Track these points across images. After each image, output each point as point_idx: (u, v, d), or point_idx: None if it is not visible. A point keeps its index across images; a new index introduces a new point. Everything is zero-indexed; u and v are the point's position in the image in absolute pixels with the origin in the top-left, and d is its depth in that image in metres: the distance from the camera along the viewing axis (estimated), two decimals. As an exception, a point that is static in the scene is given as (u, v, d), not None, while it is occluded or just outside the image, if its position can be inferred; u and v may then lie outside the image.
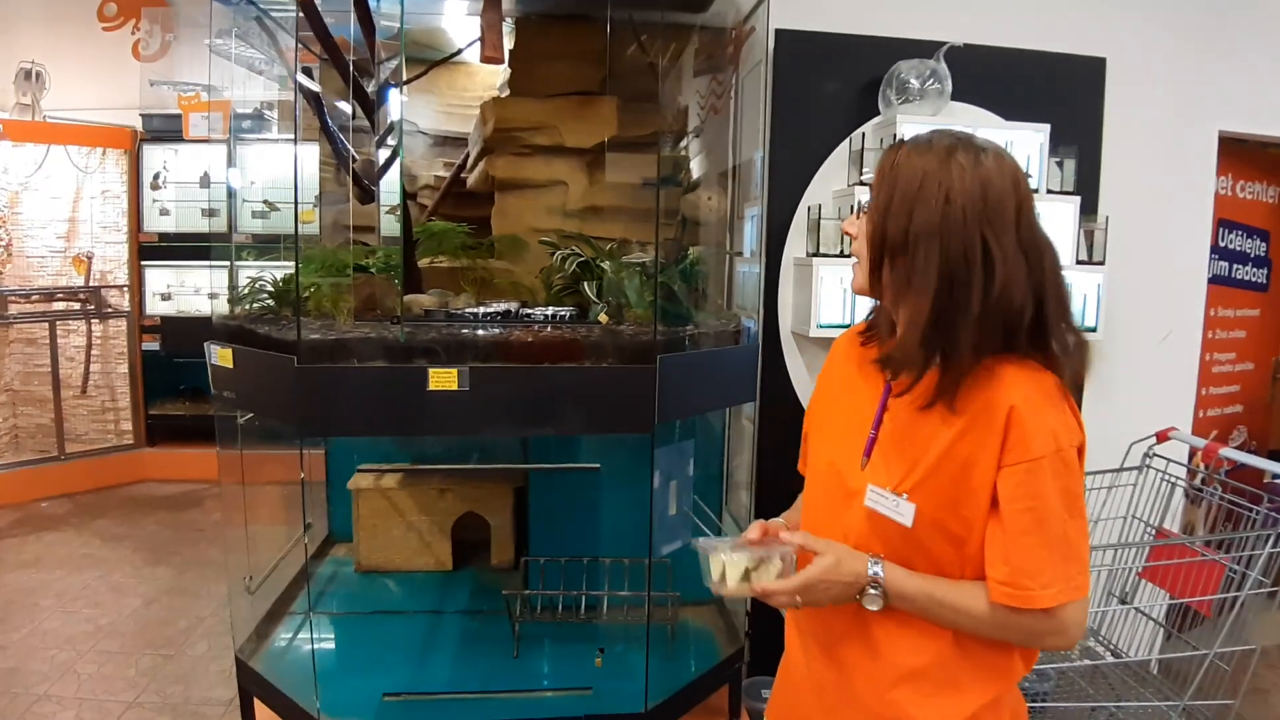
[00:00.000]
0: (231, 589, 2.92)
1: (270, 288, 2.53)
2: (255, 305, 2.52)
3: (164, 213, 5.82)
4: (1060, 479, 1.17)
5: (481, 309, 2.39)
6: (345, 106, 2.63)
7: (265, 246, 2.82)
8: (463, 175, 3.35)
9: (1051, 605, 1.16)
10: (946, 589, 1.23)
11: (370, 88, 2.48)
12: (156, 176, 5.74)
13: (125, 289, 5.80)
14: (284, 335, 2.12)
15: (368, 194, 2.51)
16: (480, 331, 2.17)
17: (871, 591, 1.23)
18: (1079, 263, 2.85)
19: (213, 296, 5.63)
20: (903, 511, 1.24)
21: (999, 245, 1.16)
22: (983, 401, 1.19)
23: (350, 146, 2.57)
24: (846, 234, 1.35)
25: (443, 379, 2.01)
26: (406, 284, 2.58)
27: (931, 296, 1.18)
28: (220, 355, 2.25)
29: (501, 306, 2.39)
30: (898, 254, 1.22)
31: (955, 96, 2.77)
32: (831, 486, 1.36)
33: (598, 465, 2.83)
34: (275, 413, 2.24)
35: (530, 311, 2.40)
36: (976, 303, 1.16)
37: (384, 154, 2.60)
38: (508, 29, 2.98)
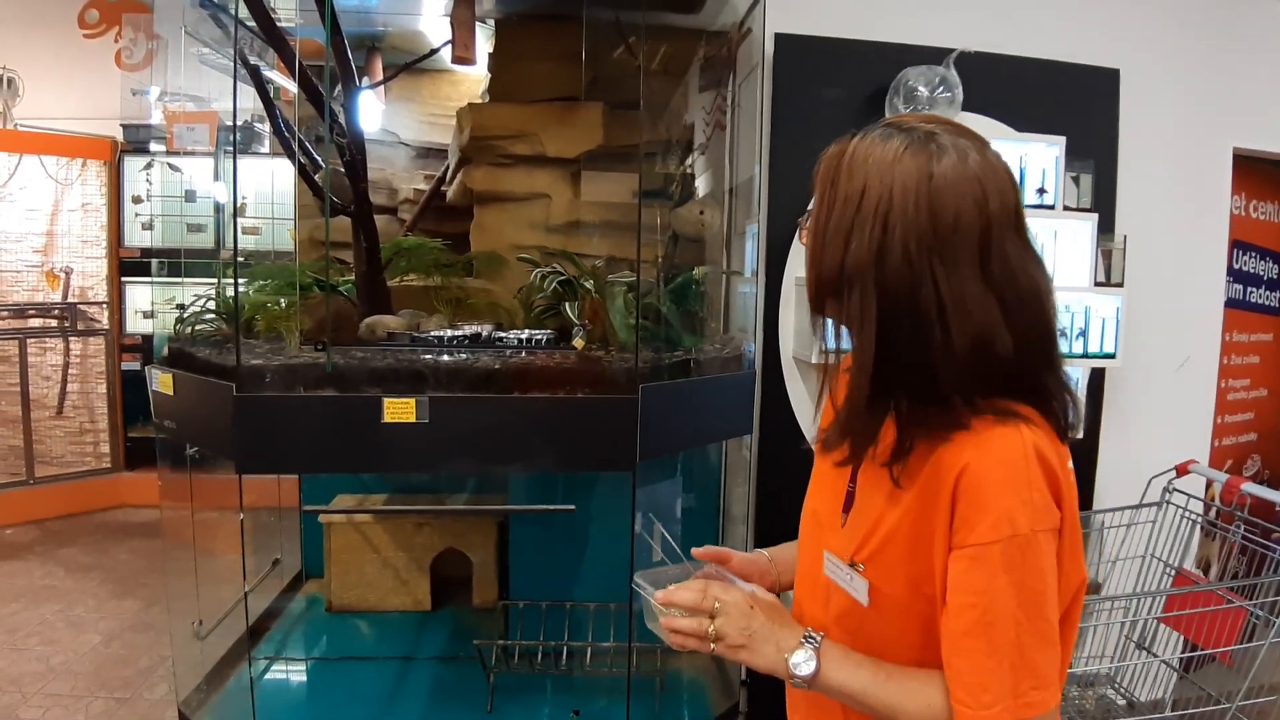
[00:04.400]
0: (177, 635, 2.71)
1: (215, 306, 2.33)
2: (199, 326, 2.31)
3: (146, 227, 5.63)
4: (1015, 572, 0.91)
5: (450, 332, 2.18)
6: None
7: (222, 261, 2.62)
8: (442, 188, 3.16)
9: None
10: (886, 680, 0.99)
11: (336, 90, 2.28)
12: (145, 192, 5.53)
13: (105, 306, 5.60)
14: (224, 360, 1.92)
15: (332, 205, 2.31)
16: (445, 357, 1.96)
17: (796, 674, 1.00)
18: (1097, 284, 2.70)
19: (149, 315, 5.49)
20: (857, 587, 1.03)
21: (953, 284, 0.92)
22: (934, 461, 0.95)
23: (314, 152, 2.37)
24: (804, 244, 1.08)
25: (399, 410, 1.80)
26: (373, 304, 2.38)
27: (873, 359, 0.95)
28: (161, 381, 2.05)
29: (472, 329, 2.18)
30: (833, 295, 0.99)
31: (966, 106, 2.62)
32: (812, 540, 1.15)
33: (578, 505, 2.61)
34: (213, 445, 2.04)
35: (504, 335, 2.19)
36: (938, 362, 0.93)
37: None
38: (488, 30, 2.79)
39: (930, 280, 0.92)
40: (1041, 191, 2.62)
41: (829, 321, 1.05)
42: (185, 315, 2.38)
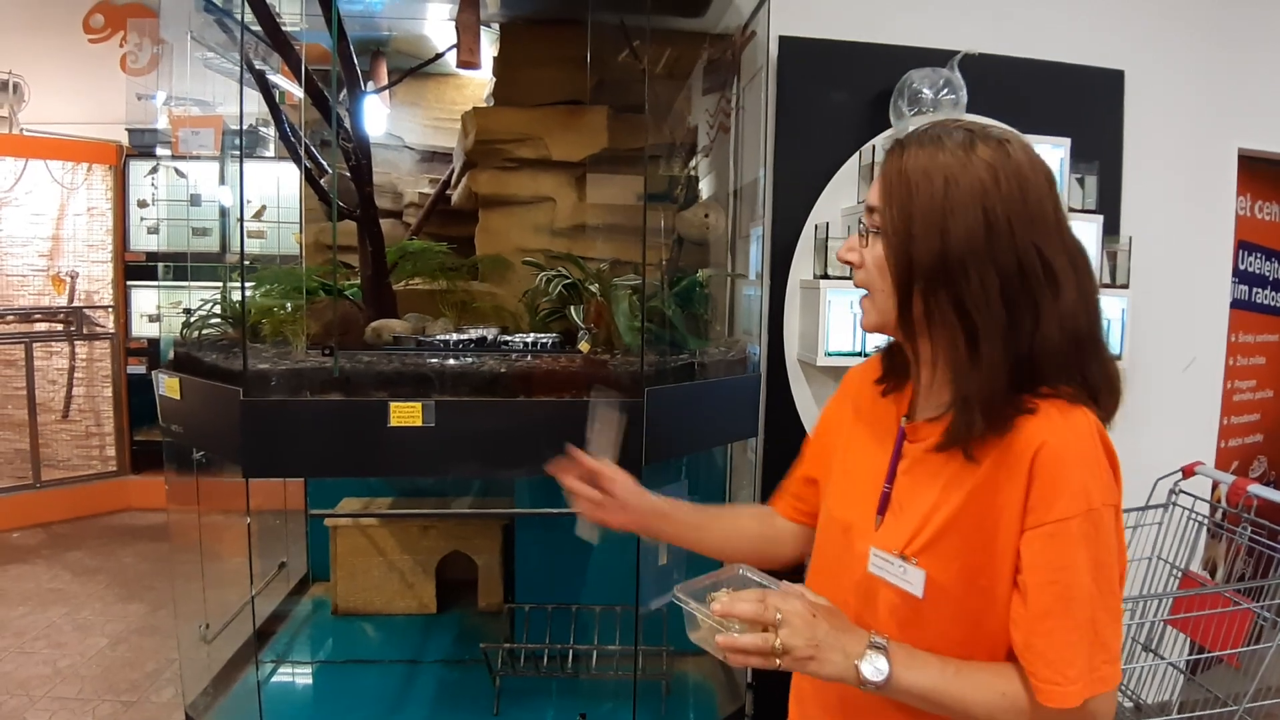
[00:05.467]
0: (184, 638, 2.71)
1: (222, 310, 2.33)
2: (206, 330, 2.32)
3: (152, 231, 5.63)
4: (1091, 547, 0.94)
5: (456, 336, 2.18)
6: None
7: (228, 266, 2.63)
8: (447, 192, 3.16)
9: (1075, 704, 0.93)
10: (955, 676, 0.99)
11: (341, 95, 2.29)
12: (150, 197, 5.53)
13: (110, 309, 5.61)
14: (230, 364, 1.92)
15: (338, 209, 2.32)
16: (450, 361, 1.97)
17: (868, 680, 0.98)
18: (1102, 285, 2.69)
19: (155, 319, 5.49)
20: (911, 579, 1.02)
21: (1050, 251, 0.97)
22: (1005, 445, 0.97)
23: (319, 156, 2.37)
24: (846, 263, 1.11)
25: (405, 414, 1.80)
26: (379, 308, 2.38)
27: (1003, 329, 0.97)
28: (168, 385, 2.05)
29: (478, 333, 2.19)
30: (936, 283, 0.99)
31: (970, 108, 2.61)
32: (840, 549, 1.14)
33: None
34: (220, 449, 2.04)
35: (509, 339, 2.19)
36: (1049, 325, 0.97)
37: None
38: (492, 34, 2.80)
39: (1033, 250, 0.97)
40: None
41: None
42: (191, 320, 2.38)
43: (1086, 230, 2.65)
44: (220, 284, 2.70)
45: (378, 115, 3.33)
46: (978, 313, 0.97)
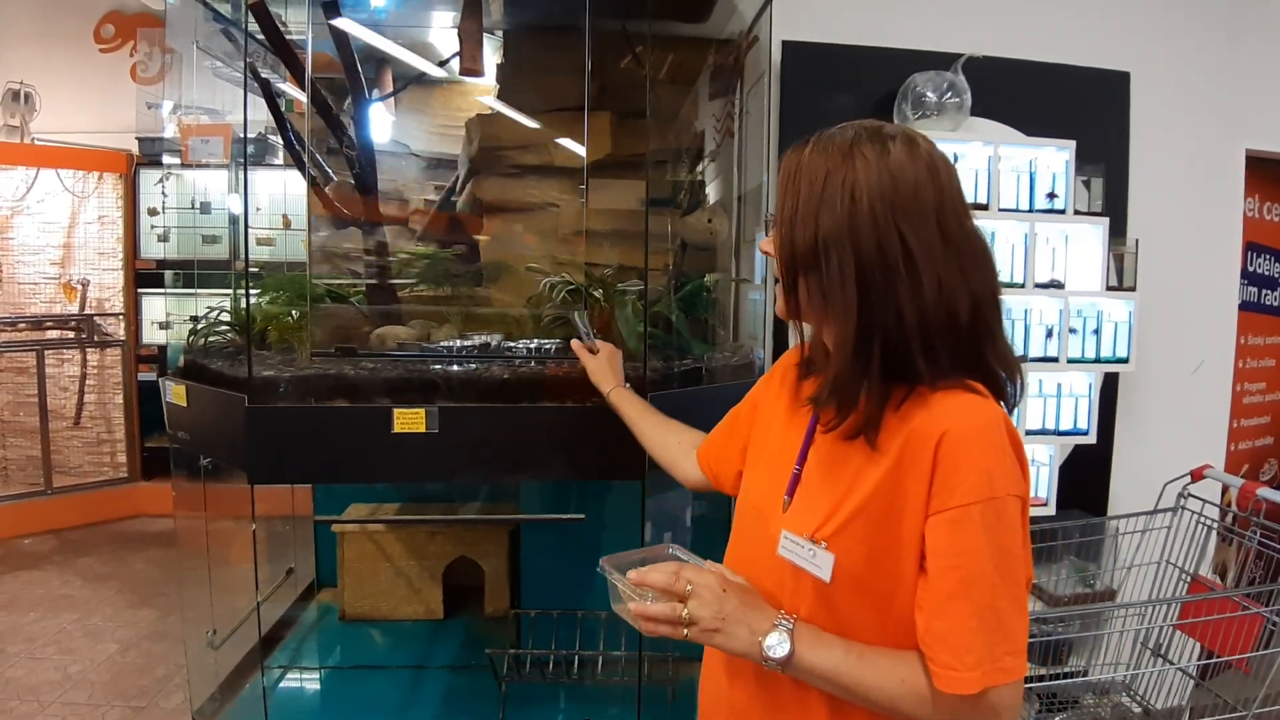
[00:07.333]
0: (191, 644, 2.72)
1: (228, 318, 2.35)
2: (212, 337, 2.33)
3: (162, 239, 5.66)
4: (992, 533, 0.96)
5: (460, 342, 2.19)
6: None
7: (236, 273, 2.64)
8: (452, 198, 3.17)
9: (974, 691, 0.94)
10: (858, 660, 1.01)
11: (345, 103, 2.30)
12: (160, 204, 5.54)
13: (121, 317, 5.65)
14: (236, 371, 1.93)
15: (343, 216, 2.33)
16: (454, 367, 1.97)
17: (770, 657, 1.01)
18: (1109, 288, 2.68)
19: (165, 326, 5.52)
20: (820, 563, 1.04)
21: (919, 240, 1.00)
22: (909, 432, 1.00)
23: (325, 164, 2.39)
24: (765, 254, 1.17)
25: (409, 420, 1.81)
26: (383, 315, 2.39)
27: (855, 310, 1.01)
28: (175, 392, 2.07)
29: (481, 339, 2.19)
30: (810, 268, 1.05)
31: (974, 111, 2.61)
32: (753, 531, 1.17)
33: (589, 513, 2.61)
34: (226, 456, 2.05)
35: (513, 345, 2.20)
36: (907, 310, 0.99)
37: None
38: (496, 41, 2.81)
39: (897, 235, 1.00)
40: (1052, 196, 2.62)
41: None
42: (198, 327, 2.40)
43: (1092, 233, 2.64)
44: (229, 291, 2.72)
45: (383, 122, 3.34)
46: (831, 292, 1.02)
